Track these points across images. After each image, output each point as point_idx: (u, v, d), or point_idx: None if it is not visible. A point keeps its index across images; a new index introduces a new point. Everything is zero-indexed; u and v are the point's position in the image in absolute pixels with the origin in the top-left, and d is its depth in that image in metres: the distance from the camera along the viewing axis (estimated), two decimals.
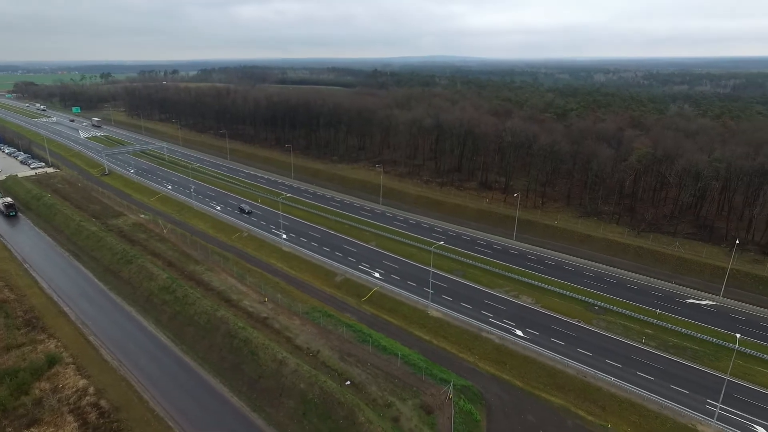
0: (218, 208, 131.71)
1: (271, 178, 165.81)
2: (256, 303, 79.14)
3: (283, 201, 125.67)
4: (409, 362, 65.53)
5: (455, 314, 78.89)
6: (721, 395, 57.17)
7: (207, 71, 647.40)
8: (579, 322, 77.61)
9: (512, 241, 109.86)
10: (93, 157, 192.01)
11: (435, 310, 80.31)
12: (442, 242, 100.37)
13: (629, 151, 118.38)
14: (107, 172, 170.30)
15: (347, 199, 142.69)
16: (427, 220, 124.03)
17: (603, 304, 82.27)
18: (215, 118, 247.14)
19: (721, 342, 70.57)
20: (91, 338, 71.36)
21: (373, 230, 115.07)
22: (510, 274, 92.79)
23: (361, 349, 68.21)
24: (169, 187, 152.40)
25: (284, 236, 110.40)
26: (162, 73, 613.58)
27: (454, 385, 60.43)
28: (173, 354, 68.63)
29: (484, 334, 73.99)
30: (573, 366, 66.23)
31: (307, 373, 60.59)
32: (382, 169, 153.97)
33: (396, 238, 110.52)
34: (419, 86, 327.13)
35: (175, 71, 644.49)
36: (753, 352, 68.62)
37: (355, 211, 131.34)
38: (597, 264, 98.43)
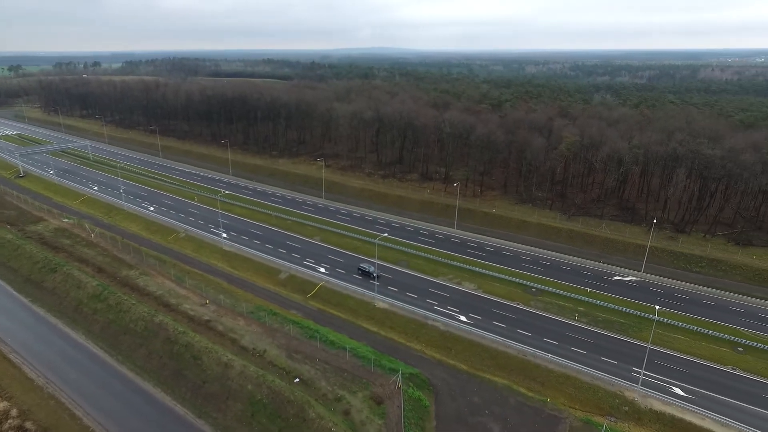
0: (151, 208, 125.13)
1: (208, 176, 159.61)
2: (198, 306, 76.32)
3: (222, 199, 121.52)
4: (358, 355, 65.99)
5: (401, 304, 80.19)
6: (644, 363, 62.27)
7: (133, 63, 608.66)
8: (518, 304, 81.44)
9: (454, 230, 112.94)
10: (5, 158, 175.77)
11: (381, 301, 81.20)
12: (386, 234, 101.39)
13: (559, 139, 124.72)
14: (22, 174, 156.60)
15: (289, 194, 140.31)
16: (370, 213, 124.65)
17: (539, 286, 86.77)
18: (144, 114, 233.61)
19: (643, 314, 76.66)
20: (11, 356, 65.84)
21: (317, 225, 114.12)
22: (453, 262, 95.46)
23: (309, 346, 67.79)
24: (96, 188, 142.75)
25: (224, 235, 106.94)
26: (82, 66, 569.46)
27: (402, 373, 61.59)
28: (108, 365, 64.84)
29: (429, 321, 75.83)
30: (514, 346, 69.51)
31: (254, 374, 59.44)
32: (323, 163, 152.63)
33: (340, 231, 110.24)
34: (359, 79, 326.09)
35: (96, 63, 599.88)
36: (670, 321, 75.19)
37: (298, 206, 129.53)
38: (533, 248, 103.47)
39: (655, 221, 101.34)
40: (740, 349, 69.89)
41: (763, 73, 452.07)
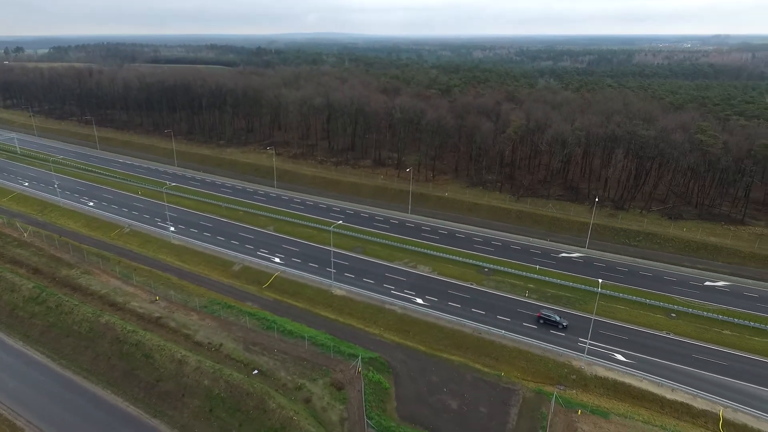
0: (91, 204, 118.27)
1: (152, 167, 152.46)
2: (147, 303, 73.40)
3: (168, 191, 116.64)
4: (317, 343, 65.96)
5: (359, 290, 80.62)
6: (589, 333, 66.09)
7: (61, 49, 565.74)
8: (472, 284, 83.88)
9: (408, 215, 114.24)
10: None
11: (339, 288, 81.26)
12: (340, 221, 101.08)
13: (506, 123, 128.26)
14: None
15: (239, 184, 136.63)
16: (324, 201, 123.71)
17: (492, 265, 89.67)
18: (78, 104, 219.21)
19: (588, 288, 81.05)
20: None
21: (270, 215, 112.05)
22: (408, 246, 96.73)
23: (266, 337, 66.98)
24: (26, 184, 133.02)
25: (172, 228, 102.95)
26: (2, 51, 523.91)
27: (362, 358, 62.22)
28: (50, 371, 61.40)
29: (387, 306, 76.78)
30: (469, 325, 71.75)
31: (210, 369, 58.18)
32: (274, 152, 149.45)
33: (294, 220, 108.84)
34: (307, 64, 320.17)
35: (19, 49, 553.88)
36: (613, 293, 79.98)
37: (249, 196, 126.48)
38: (485, 230, 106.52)
39: (597, 199, 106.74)
40: (673, 315, 75.53)
41: (690, 57, 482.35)
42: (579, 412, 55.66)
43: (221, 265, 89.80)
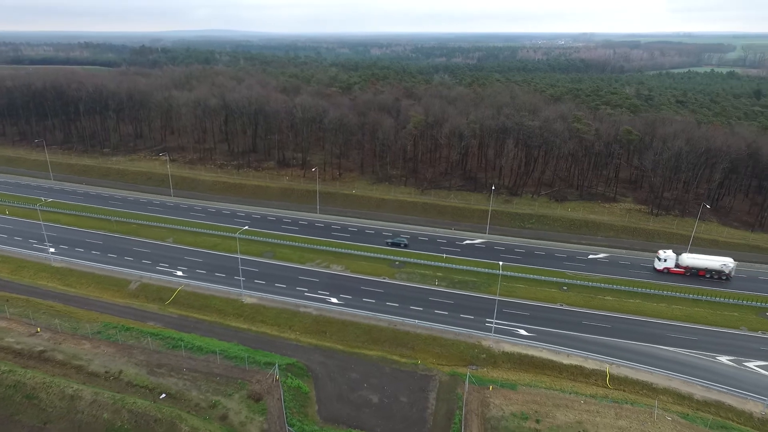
0: None
1: (22, 182, 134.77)
2: (26, 337, 64.90)
3: (44, 208, 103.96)
4: (230, 356, 63.09)
5: (271, 296, 78.45)
6: (495, 312, 70.70)
7: None
8: (384, 278, 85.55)
9: (317, 215, 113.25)
10: None
11: (249, 296, 78.36)
12: (246, 227, 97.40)
13: (407, 119, 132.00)
14: None
15: (130, 195, 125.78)
16: (227, 206, 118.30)
17: (402, 258, 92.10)
18: None
19: (491, 271, 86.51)
20: None
21: (168, 225, 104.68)
22: (319, 247, 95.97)
23: (173, 357, 62.62)
24: None
25: (52, 250, 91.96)
26: None
27: (279, 365, 60.70)
28: None
29: (302, 309, 75.61)
30: (384, 319, 73.16)
31: (110, 400, 53.08)
32: (168, 158, 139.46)
33: (196, 230, 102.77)
34: (198, 64, 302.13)
35: None
36: (513, 273, 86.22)
37: (143, 207, 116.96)
38: (393, 224, 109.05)
39: (493, 188, 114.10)
40: (565, 287, 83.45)
41: (564, 53, 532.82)
42: (491, 388, 59.40)
43: (115, 284, 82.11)
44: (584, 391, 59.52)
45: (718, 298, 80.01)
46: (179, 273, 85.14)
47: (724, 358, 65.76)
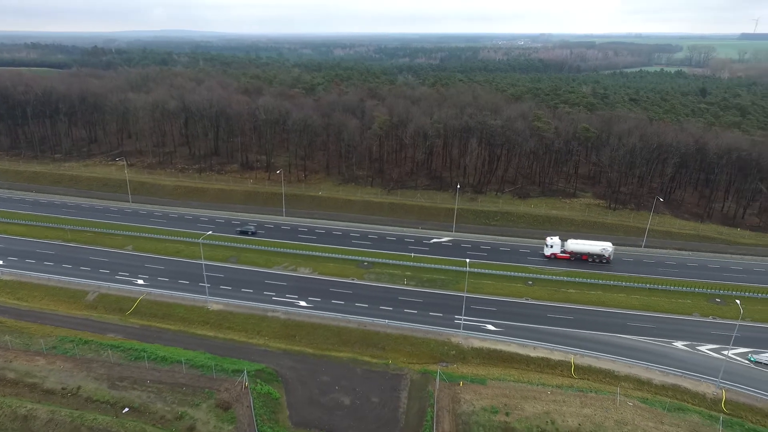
0: None
1: None
2: None
3: None
4: (196, 365, 61.43)
5: (238, 302, 76.91)
6: (463, 309, 71.67)
7: None
8: (353, 279, 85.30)
9: (283, 218, 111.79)
10: None
11: (215, 303, 76.54)
12: (210, 232, 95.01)
13: (371, 119, 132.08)
14: None
15: (85, 202, 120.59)
16: (190, 211, 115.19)
17: (370, 259, 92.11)
18: None
19: (458, 268, 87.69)
20: None
21: (127, 233, 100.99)
22: (286, 250, 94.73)
23: (136, 369, 60.45)
24: None
25: (1, 262, 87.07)
26: None
27: (248, 372, 59.56)
28: None
29: (270, 314, 74.43)
30: (354, 320, 72.93)
31: (68, 418, 50.77)
32: (126, 162, 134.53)
33: (156, 236, 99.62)
34: (156, 65, 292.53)
35: None
36: (480, 270, 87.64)
37: (100, 214, 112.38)
38: (360, 224, 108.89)
39: (458, 186, 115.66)
40: (530, 282, 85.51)
41: (523, 54, 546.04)
42: (461, 384, 60.18)
43: (71, 296, 78.50)
44: (551, 382, 61.15)
45: (672, 287, 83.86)
46: (140, 282, 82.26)
47: (679, 344, 68.97)
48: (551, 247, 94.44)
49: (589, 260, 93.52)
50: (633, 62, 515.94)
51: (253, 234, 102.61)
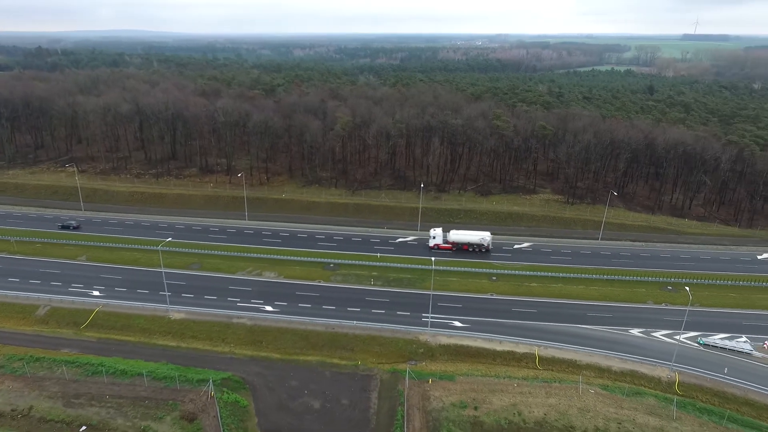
0: None
1: None
2: None
3: None
4: (159, 376, 59.38)
5: (201, 309, 74.88)
6: (430, 307, 72.36)
7: None
8: (319, 282, 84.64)
9: (245, 222, 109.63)
10: None
11: (177, 311, 74.22)
12: (170, 238, 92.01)
13: (334, 120, 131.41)
14: None
15: (32, 211, 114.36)
16: (147, 218, 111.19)
17: (336, 260, 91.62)
18: None
19: (424, 267, 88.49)
20: None
21: (80, 242, 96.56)
22: (250, 254, 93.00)
23: (93, 384, 57.85)
24: None
25: None
26: None
27: (213, 381, 58.13)
28: None
29: (235, 320, 72.85)
30: (321, 323, 72.37)
31: None
32: (76, 169, 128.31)
33: (112, 245, 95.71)
34: (106, 67, 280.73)
35: None
36: (446, 267, 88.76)
37: (49, 224, 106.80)
38: (325, 226, 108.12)
39: (422, 185, 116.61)
40: (494, 278, 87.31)
41: (482, 53, 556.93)
42: (430, 381, 60.79)
43: (19, 311, 74.28)
44: (517, 375, 62.65)
45: (627, 277, 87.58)
46: (96, 293, 78.76)
47: (635, 331, 72.11)
48: (434, 238, 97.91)
49: (470, 249, 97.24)
50: (585, 62, 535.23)
51: (75, 228, 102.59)
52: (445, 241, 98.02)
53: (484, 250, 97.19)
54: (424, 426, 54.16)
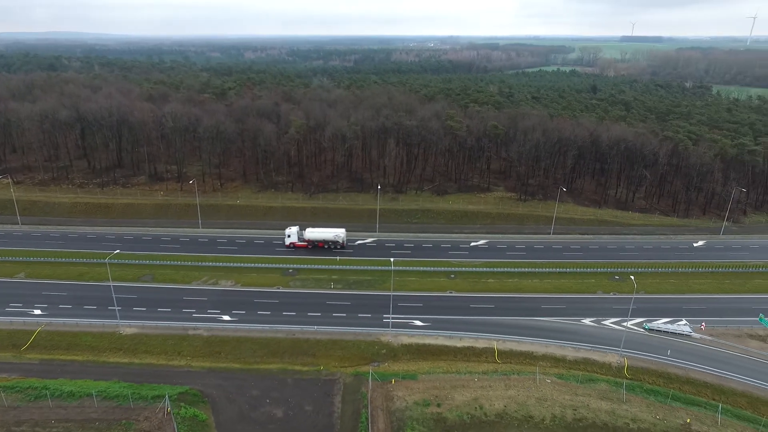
0: None
1: None
2: None
3: None
4: (110, 396, 56.68)
5: (154, 323, 72.12)
6: (390, 308, 72.80)
7: None
8: (278, 288, 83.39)
9: (199, 230, 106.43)
10: None
11: (128, 326, 71.13)
12: (118, 250, 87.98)
13: (288, 123, 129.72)
14: None
15: None
16: (93, 230, 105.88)
17: (295, 265, 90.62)
18: None
19: (383, 268, 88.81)
20: None
21: (18, 258, 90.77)
22: (205, 263, 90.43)
23: (37, 410, 54.46)
24: None
25: None
26: None
27: (169, 396, 56.00)
28: None
29: (191, 332, 70.60)
30: (282, 329, 71.35)
31: None
32: (12, 180, 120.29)
33: (54, 260, 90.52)
34: (42, 71, 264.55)
35: None
36: (404, 268, 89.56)
37: None
38: (283, 231, 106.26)
39: (379, 187, 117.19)
40: (452, 275, 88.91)
41: (434, 55, 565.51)
42: (393, 382, 61.16)
43: None
44: (477, 369, 64.07)
45: (578, 269, 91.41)
46: (37, 312, 74.24)
47: (587, 320, 75.42)
48: (289, 236, 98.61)
49: (326, 246, 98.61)
50: (533, 62, 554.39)
51: None
52: (301, 239, 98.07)
53: (339, 247, 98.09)
54: (389, 426, 54.43)
